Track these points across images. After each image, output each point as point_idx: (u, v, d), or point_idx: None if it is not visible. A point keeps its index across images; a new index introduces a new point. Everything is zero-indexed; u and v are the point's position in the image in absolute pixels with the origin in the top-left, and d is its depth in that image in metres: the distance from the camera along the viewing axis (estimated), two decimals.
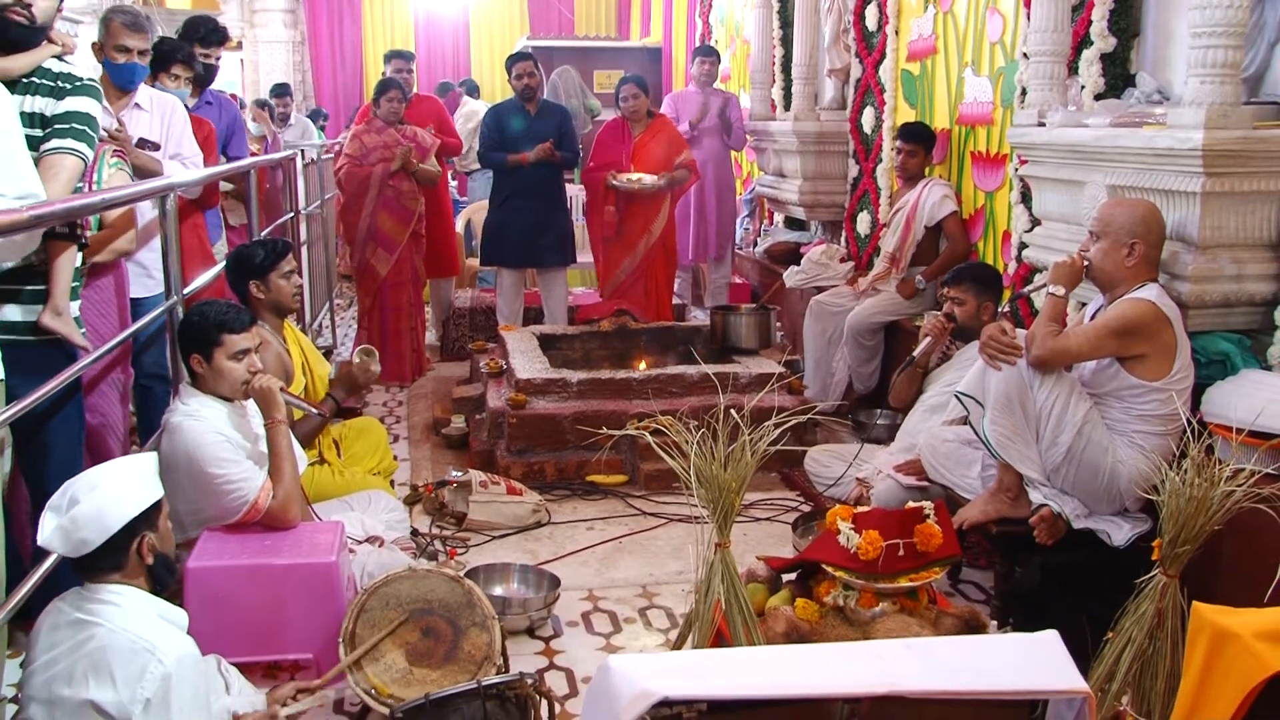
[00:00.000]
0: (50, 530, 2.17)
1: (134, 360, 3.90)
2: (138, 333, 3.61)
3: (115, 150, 3.63)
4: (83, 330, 3.11)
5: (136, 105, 4.11)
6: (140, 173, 3.86)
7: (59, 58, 3.11)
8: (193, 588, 2.88)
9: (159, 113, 4.17)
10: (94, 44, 4.04)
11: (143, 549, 2.32)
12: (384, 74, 7.13)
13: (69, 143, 2.96)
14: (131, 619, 2.17)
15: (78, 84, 3.05)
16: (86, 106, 3.04)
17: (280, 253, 3.98)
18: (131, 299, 3.89)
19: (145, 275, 4.03)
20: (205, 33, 5.03)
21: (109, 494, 2.25)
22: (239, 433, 3.22)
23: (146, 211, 3.92)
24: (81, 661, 2.12)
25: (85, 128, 3.01)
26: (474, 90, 10.88)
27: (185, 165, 4.16)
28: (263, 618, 2.95)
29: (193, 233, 4.42)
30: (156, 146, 4.05)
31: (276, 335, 3.95)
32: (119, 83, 4.03)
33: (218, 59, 5.16)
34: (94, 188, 3.35)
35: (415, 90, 7.31)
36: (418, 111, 7.00)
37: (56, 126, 2.98)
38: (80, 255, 3.17)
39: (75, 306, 3.08)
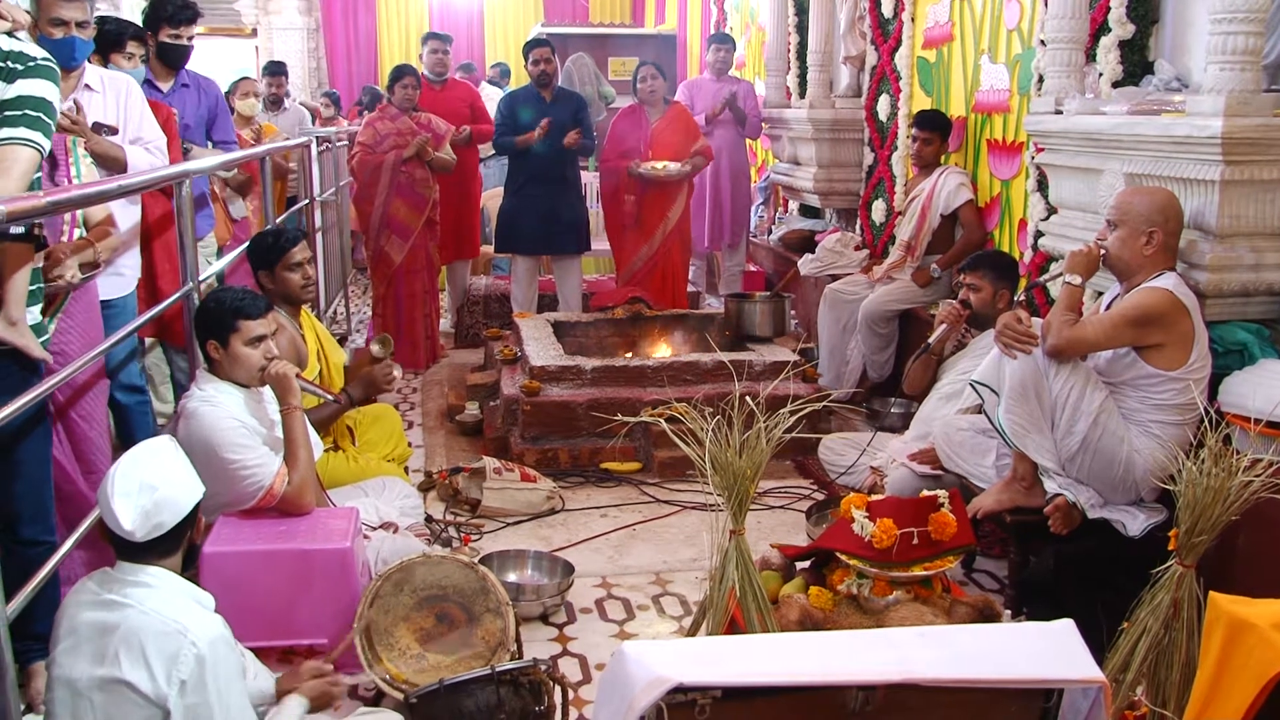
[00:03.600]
0: (134, 515, 2.19)
1: (108, 375, 3.64)
2: (124, 338, 3.38)
3: (84, 143, 3.36)
4: (45, 339, 2.84)
5: (87, 86, 3.67)
6: (102, 161, 3.55)
7: (9, 34, 2.80)
8: (208, 572, 2.89)
9: (113, 94, 3.76)
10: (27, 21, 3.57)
11: (196, 531, 2.38)
12: (420, 56, 7.11)
13: (22, 132, 2.58)
14: (164, 601, 2.19)
15: (31, 64, 2.65)
16: (42, 90, 2.64)
17: (284, 246, 3.93)
18: (100, 300, 3.60)
19: (114, 274, 3.67)
20: (173, 10, 4.54)
21: (180, 478, 2.31)
22: (255, 418, 3.23)
23: (119, 211, 3.61)
24: (113, 643, 2.14)
25: (41, 114, 2.62)
26: (506, 74, 10.73)
27: (148, 150, 3.76)
28: (278, 603, 2.96)
29: (172, 228, 4.05)
30: (114, 131, 3.65)
31: (292, 321, 3.95)
32: (60, 61, 3.49)
33: (190, 39, 4.65)
34: (74, 182, 3.14)
35: (450, 74, 7.28)
36: (452, 95, 7.04)
37: (7, 114, 2.59)
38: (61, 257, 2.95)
39: (37, 311, 2.80)
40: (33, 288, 2.75)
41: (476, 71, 10.13)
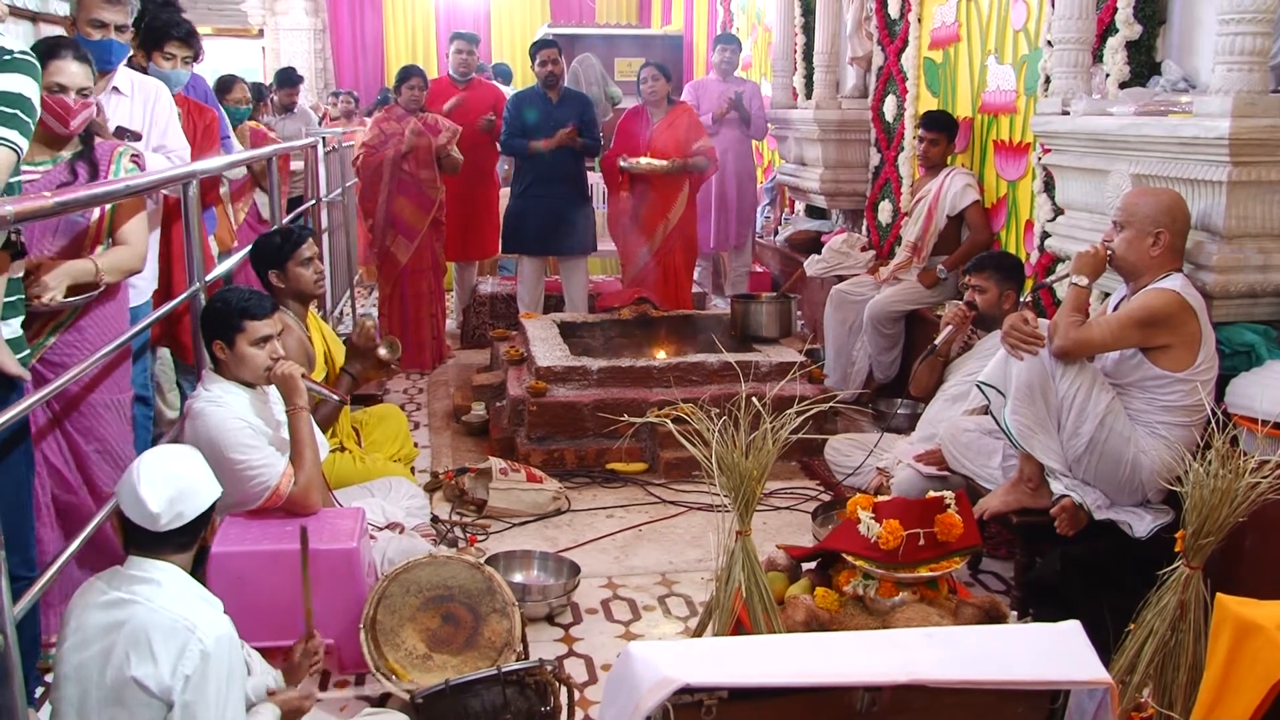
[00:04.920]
0: (161, 500, 2.21)
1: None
2: (119, 347, 3.18)
3: (133, 154, 3.29)
4: (25, 356, 2.67)
5: (115, 89, 3.64)
6: None
7: None
8: (215, 572, 2.90)
9: (141, 99, 3.71)
10: (65, 18, 3.52)
11: (210, 531, 2.39)
12: (448, 55, 7.21)
13: None
14: (172, 599, 2.19)
15: (6, 59, 2.46)
16: (18, 85, 2.45)
17: (296, 241, 3.95)
18: None
19: (129, 286, 3.52)
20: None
21: (201, 474, 2.34)
22: (261, 419, 3.23)
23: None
24: (120, 639, 2.14)
25: (16, 111, 2.43)
26: (507, 76, 10.78)
27: (170, 159, 3.70)
28: (284, 603, 2.96)
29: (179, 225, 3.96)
30: (138, 137, 3.60)
31: (299, 322, 3.96)
32: (96, 63, 3.39)
33: None
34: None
35: (474, 74, 7.33)
36: (475, 95, 7.10)
37: None
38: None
39: (16, 324, 2.65)
40: (11, 299, 2.61)
41: (487, 71, 10.16)
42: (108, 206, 3.11)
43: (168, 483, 2.23)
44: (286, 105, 8.80)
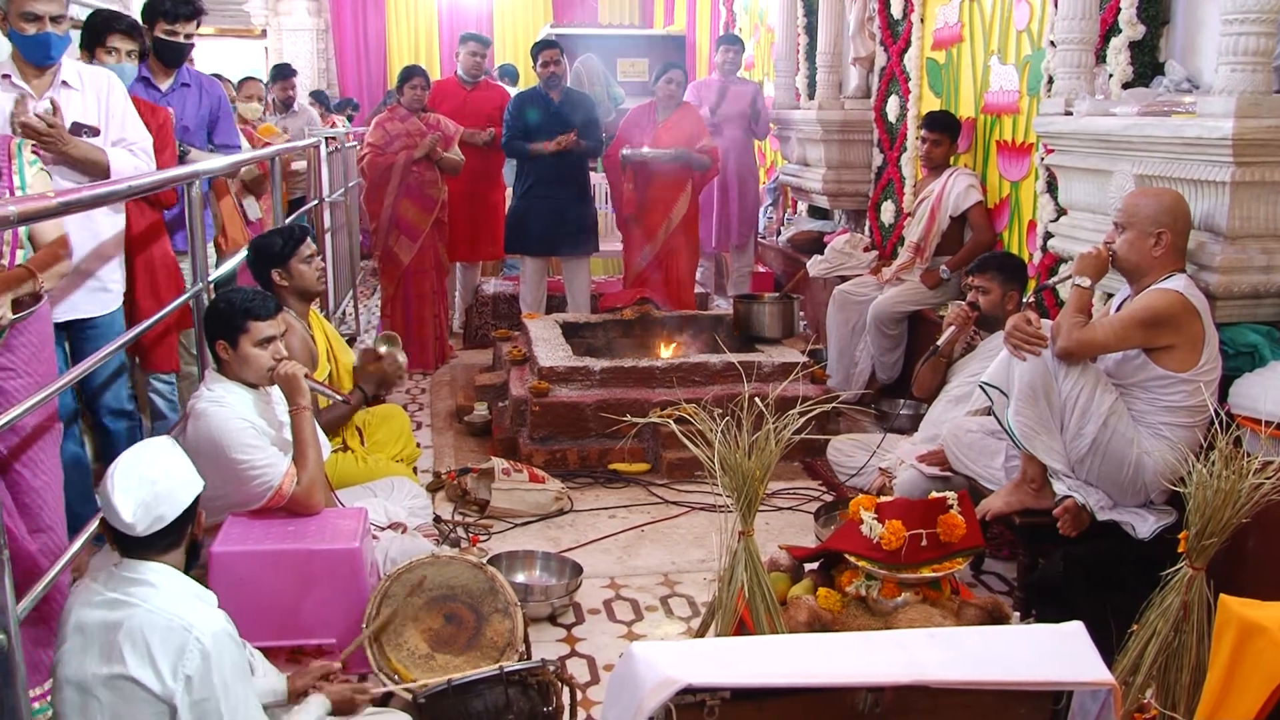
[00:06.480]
0: (135, 508, 2.20)
1: (92, 400, 3.52)
2: (93, 367, 2.97)
3: (33, 145, 3.05)
4: None
5: (64, 84, 3.44)
6: (82, 165, 3.35)
7: None
8: (217, 572, 2.90)
9: (93, 91, 3.51)
10: None
11: (198, 525, 2.38)
12: (457, 55, 7.21)
13: None
14: (168, 599, 2.20)
15: None
16: None
17: (298, 239, 3.95)
18: (82, 320, 3.46)
19: (101, 289, 3.50)
20: (170, 4, 4.25)
21: (179, 472, 2.31)
22: (264, 419, 3.24)
23: (102, 220, 3.47)
24: (118, 640, 2.14)
25: None
26: (514, 77, 10.78)
27: (133, 152, 3.53)
28: (286, 603, 2.97)
29: (156, 240, 3.92)
30: (96, 132, 3.42)
31: (301, 321, 3.96)
32: (34, 59, 3.33)
33: (188, 36, 4.36)
34: (17, 193, 2.85)
35: (484, 76, 7.33)
36: (482, 97, 7.11)
37: None
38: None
39: None
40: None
41: (492, 75, 10.15)
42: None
43: (142, 488, 2.21)
44: (285, 101, 8.75)
